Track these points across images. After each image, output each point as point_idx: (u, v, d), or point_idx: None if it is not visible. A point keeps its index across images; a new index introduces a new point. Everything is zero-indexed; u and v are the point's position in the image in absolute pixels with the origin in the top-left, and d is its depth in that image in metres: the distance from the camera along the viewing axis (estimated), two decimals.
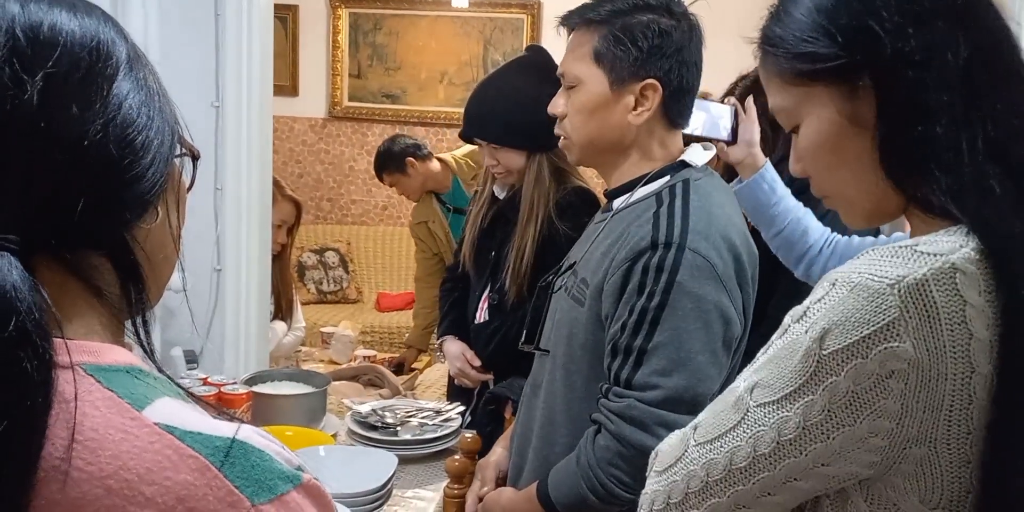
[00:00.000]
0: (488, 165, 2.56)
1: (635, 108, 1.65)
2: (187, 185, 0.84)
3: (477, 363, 2.59)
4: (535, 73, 2.46)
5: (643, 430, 1.55)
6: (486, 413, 2.49)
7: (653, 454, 1.11)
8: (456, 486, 1.89)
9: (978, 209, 0.93)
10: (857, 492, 0.98)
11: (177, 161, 0.80)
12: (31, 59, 0.68)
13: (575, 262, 1.77)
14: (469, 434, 2.07)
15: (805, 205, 2.06)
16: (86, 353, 0.70)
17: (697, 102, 1.78)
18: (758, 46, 1.10)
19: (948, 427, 0.91)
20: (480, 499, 1.88)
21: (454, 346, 2.66)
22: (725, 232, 1.59)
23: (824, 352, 0.92)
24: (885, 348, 0.89)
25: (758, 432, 0.97)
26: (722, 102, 2.05)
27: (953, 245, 0.92)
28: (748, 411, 0.98)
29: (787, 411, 0.95)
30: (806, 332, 0.93)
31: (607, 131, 1.69)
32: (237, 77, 2.57)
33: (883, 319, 0.89)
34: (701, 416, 1.06)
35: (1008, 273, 0.90)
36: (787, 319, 0.98)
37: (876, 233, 2.07)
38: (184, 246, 0.85)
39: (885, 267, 0.91)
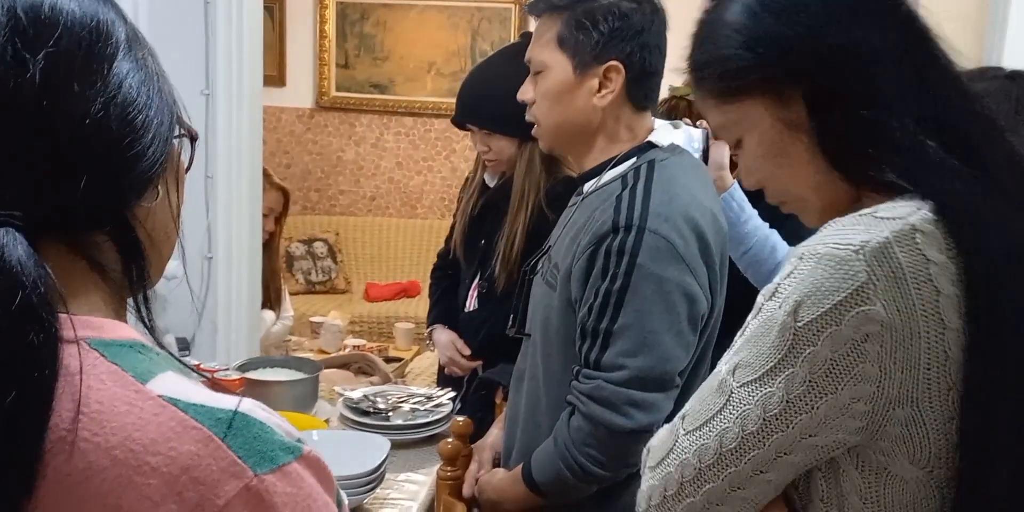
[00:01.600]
0: (479, 152, 2.57)
1: (599, 91, 1.68)
2: (185, 166, 0.85)
3: (467, 352, 2.60)
4: (520, 58, 2.47)
5: (612, 410, 1.59)
6: (477, 399, 2.51)
7: (645, 451, 1.12)
8: (449, 468, 1.91)
9: (925, 178, 0.98)
10: (848, 461, 1.00)
11: (176, 142, 0.82)
12: (32, 38, 0.69)
13: (551, 246, 1.81)
14: (461, 418, 2.09)
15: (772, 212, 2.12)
16: (90, 328, 0.71)
17: (671, 124, 1.83)
18: (689, 75, 1.16)
19: (928, 385, 0.94)
20: (477, 480, 1.91)
21: (444, 335, 2.68)
22: (686, 211, 1.61)
23: (799, 324, 0.94)
24: (858, 312, 0.92)
25: (744, 411, 0.98)
26: (695, 125, 2.10)
27: (910, 209, 0.96)
28: (732, 392, 1.00)
29: (770, 387, 0.97)
30: (779, 307, 0.96)
31: (573, 115, 1.72)
32: (227, 65, 2.58)
33: (852, 284, 0.92)
34: (687, 405, 1.07)
35: (962, 230, 0.95)
36: (760, 298, 1.01)
37: None
38: (179, 235, 0.86)
39: (848, 235, 0.95)
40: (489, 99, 2.46)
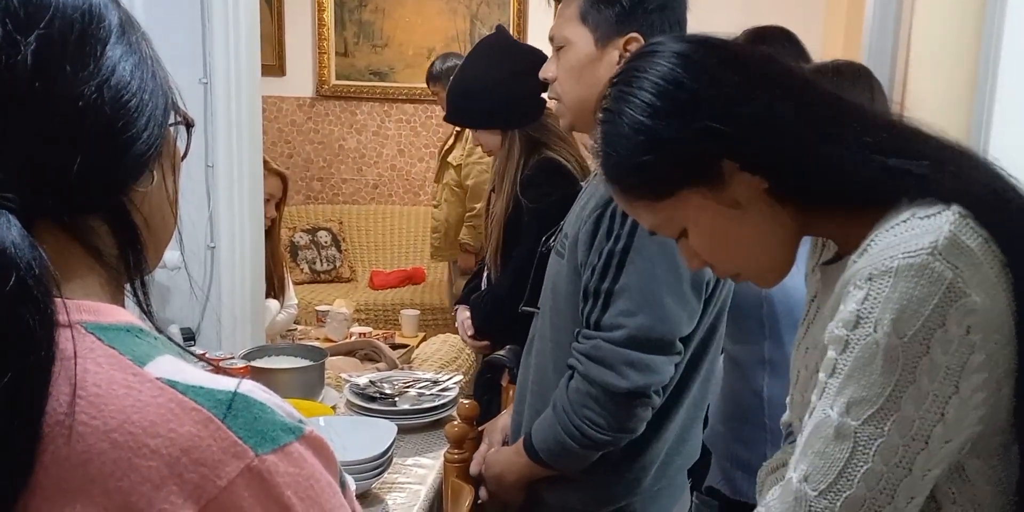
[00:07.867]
0: (476, 145, 2.68)
1: (619, 63, 1.66)
2: (181, 152, 0.85)
3: (471, 332, 2.66)
4: (491, 54, 2.58)
5: (609, 369, 1.58)
6: (483, 382, 2.53)
7: None
8: (456, 451, 1.91)
9: (922, 181, 0.99)
10: (969, 454, 0.99)
11: (172, 128, 0.81)
12: (24, 20, 0.69)
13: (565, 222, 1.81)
14: (467, 401, 2.10)
15: None
16: (86, 312, 0.71)
17: None
18: (609, 184, 1.15)
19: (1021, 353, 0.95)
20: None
21: (460, 314, 2.79)
22: None
23: (904, 340, 0.93)
24: (957, 307, 0.91)
25: (880, 445, 0.96)
26: None
27: (939, 203, 0.96)
28: (856, 432, 0.97)
29: (897, 411, 0.95)
30: (875, 331, 0.94)
31: (596, 89, 1.70)
32: (225, 54, 2.57)
33: (941, 285, 0.92)
34: (804, 466, 1.01)
35: (990, 214, 0.96)
36: (838, 332, 0.98)
37: None
38: (177, 223, 0.85)
39: (911, 241, 0.94)
40: (463, 100, 2.59)
